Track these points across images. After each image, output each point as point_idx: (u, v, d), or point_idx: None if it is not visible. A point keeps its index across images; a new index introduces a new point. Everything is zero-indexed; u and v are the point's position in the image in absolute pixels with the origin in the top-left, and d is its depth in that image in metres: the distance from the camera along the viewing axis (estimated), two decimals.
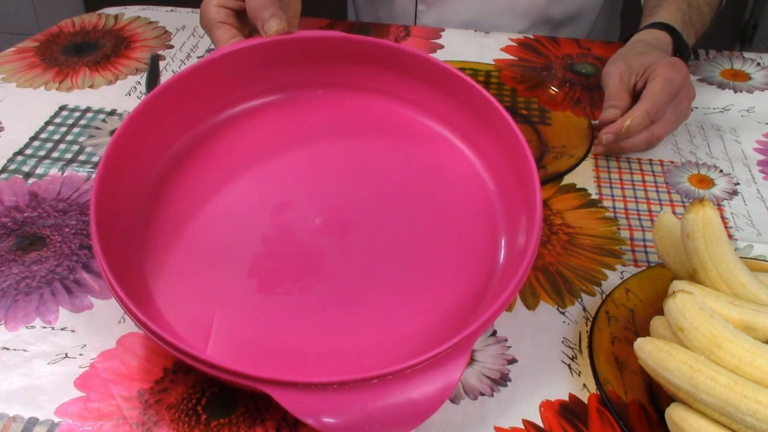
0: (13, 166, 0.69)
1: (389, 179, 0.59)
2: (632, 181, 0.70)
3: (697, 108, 0.81)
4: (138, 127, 0.54)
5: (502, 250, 0.55)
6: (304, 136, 0.61)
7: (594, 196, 0.68)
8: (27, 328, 0.54)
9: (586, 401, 0.50)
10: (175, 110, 0.57)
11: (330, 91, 0.62)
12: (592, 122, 0.74)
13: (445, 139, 0.61)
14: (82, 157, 0.71)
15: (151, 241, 0.54)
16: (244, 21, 0.63)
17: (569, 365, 0.53)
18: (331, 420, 0.42)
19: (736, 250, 0.61)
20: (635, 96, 0.73)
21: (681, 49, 0.79)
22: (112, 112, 0.77)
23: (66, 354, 0.52)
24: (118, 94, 0.80)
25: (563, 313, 0.57)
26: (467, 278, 0.54)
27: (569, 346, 0.54)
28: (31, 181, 0.67)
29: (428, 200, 0.58)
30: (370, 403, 0.43)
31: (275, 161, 0.60)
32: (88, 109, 0.77)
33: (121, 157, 0.52)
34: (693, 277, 0.51)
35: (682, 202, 0.68)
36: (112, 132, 0.74)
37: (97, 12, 0.96)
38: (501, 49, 0.90)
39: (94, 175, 0.62)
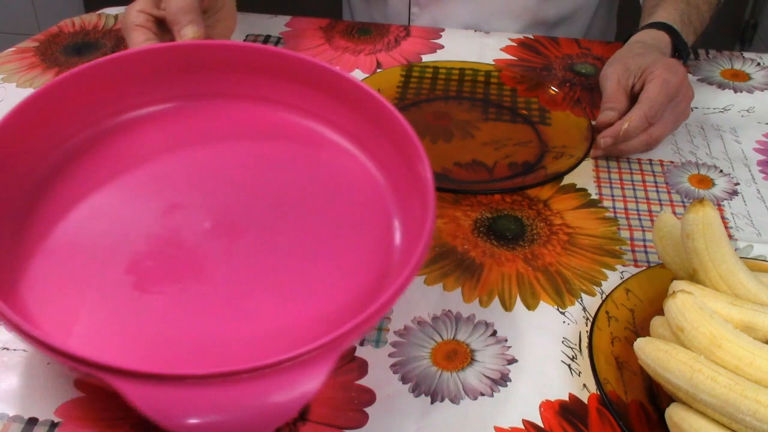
0: None
1: (282, 184, 0.59)
2: (632, 181, 0.70)
3: (697, 108, 0.81)
4: (26, 119, 0.53)
5: (398, 243, 0.54)
6: (200, 142, 0.61)
7: (594, 196, 0.68)
8: None
9: (586, 401, 0.50)
10: (68, 107, 0.56)
11: (227, 100, 0.62)
12: (592, 122, 0.74)
13: (332, 140, 0.61)
14: None
15: (29, 235, 0.52)
16: (164, 29, 0.64)
17: (569, 365, 0.53)
18: (179, 418, 0.40)
19: (736, 250, 0.61)
20: (633, 98, 0.73)
21: (680, 49, 0.79)
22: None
23: None
24: None
25: (563, 313, 0.57)
26: (361, 278, 0.52)
27: (569, 346, 0.54)
28: None
29: (320, 202, 0.57)
30: (221, 402, 0.40)
31: (170, 165, 0.59)
32: None
33: (4, 148, 0.51)
34: (693, 277, 0.51)
35: (682, 202, 0.68)
36: None
37: (97, 12, 0.96)
38: (501, 49, 0.90)
39: None
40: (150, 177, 0.58)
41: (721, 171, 0.72)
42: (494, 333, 0.55)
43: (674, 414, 0.45)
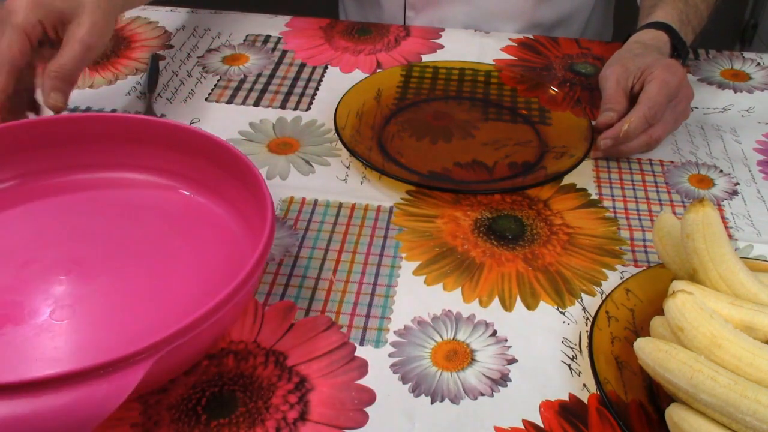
0: None
1: (137, 231, 0.60)
2: (632, 181, 0.70)
3: (697, 108, 0.81)
4: None
5: None
6: (59, 212, 0.62)
7: (594, 196, 0.68)
8: None
9: (586, 401, 0.50)
10: None
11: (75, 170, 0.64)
12: (592, 122, 0.74)
13: (184, 192, 0.63)
14: None
15: None
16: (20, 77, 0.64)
17: (569, 365, 0.53)
18: None
19: (736, 250, 0.61)
20: (632, 98, 0.73)
21: (679, 48, 0.79)
22: (113, 112, 0.77)
23: None
24: (118, 94, 0.80)
25: (563, 313, 0.57)
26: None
27: (569, 346, 0.54)
28: None
29: (178, 253, 0.58)
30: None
31: (22, 226, 0.60)
32: (88, 109, 0.77)
33: None
34: (693, 277, 0.51)
35: (682, 202, 0.68)
36: None
37: None
38: (501, 49, 0.90)
39: None
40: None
41: (721, 171, 0.72)
42: (494, 333, 0.55)
43: (674, 414, 0.45)
